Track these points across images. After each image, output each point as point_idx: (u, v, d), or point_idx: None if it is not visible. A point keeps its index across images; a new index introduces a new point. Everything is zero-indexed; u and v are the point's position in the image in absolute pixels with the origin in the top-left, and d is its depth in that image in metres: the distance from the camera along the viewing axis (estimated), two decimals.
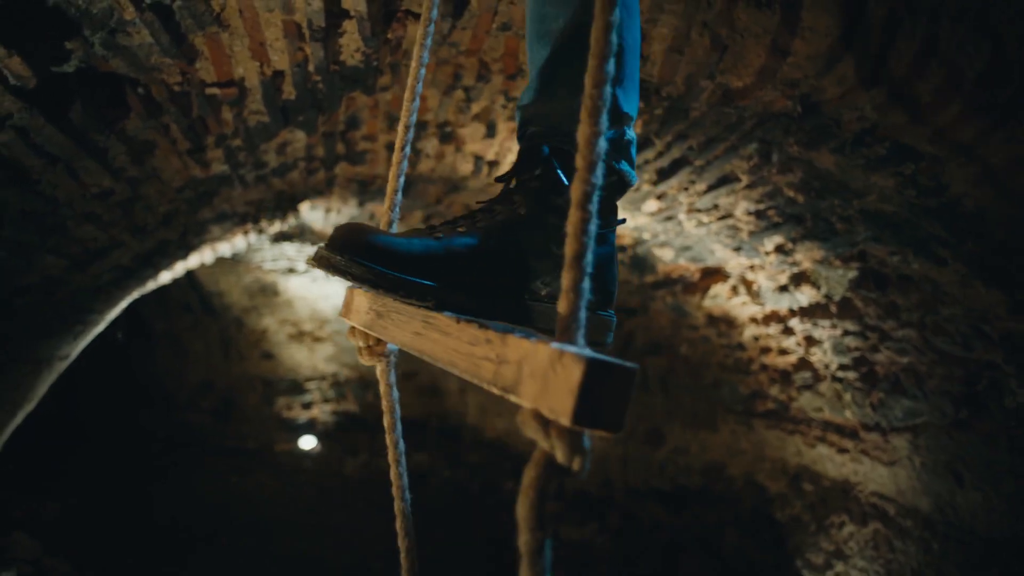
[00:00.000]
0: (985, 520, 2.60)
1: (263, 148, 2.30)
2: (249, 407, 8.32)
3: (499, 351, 0.61)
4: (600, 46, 0.57)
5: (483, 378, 0.63)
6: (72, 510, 5.49)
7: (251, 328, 8.14)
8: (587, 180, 0.54)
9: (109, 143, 1.83)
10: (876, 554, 3.16)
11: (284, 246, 6.54)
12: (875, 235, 2.20)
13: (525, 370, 0.55)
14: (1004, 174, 1.53)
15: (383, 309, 0.91)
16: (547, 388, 0.52)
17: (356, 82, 1.89)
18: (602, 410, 0.49)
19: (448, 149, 2.71)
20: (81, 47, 1.49)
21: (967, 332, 2.24)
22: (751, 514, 4.14)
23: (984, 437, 2.46)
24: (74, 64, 1.52)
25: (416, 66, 1.07)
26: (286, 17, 1.61)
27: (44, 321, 2.83)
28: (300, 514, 6.30)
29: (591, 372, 0.48)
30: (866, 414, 3.02)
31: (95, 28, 1.45)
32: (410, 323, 0.82)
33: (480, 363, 0.64)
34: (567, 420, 0.49)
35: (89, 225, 2.23)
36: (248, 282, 7.60)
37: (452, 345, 0.72)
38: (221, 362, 8.36)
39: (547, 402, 0.51)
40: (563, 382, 0.50)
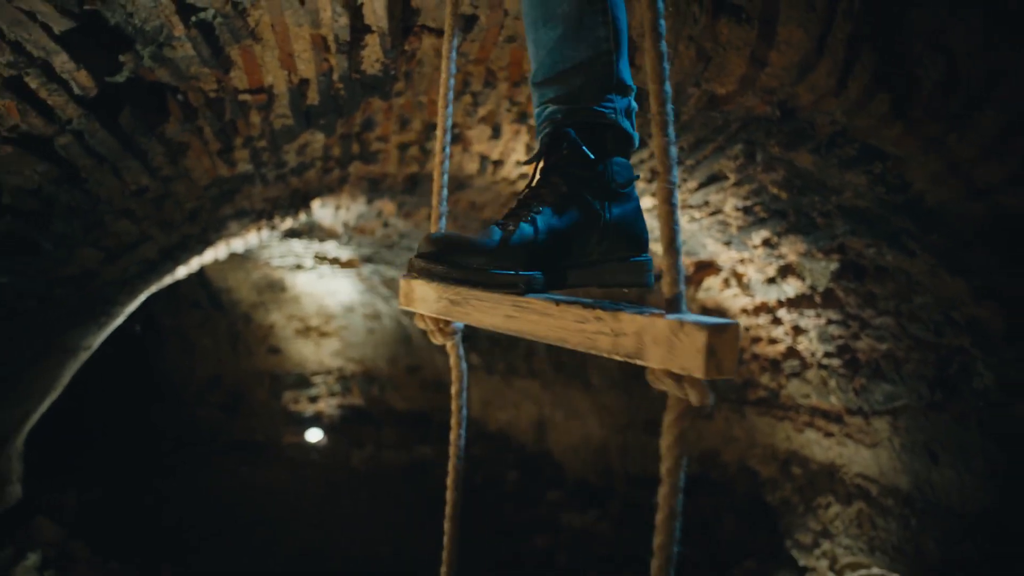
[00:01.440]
0: (959, 496, 2.78)
1: (285, 148, 2.49)
2: (257, 401, 8.51)
3: (613, 326, 0.74)
4: (658, 73, 0.73)
5: (602, 349, 0.76)
6: (90, 499, 5.67)
7: (259, 323, 8.33)
8: (668, 180, 0.71)
9: (150, 145, 2.01)
10: (860, 532, 3.34)
11: (292, 243, 6.72)
12: (852, 229, 2.38)
13: (646, 339, 0.70)
14: (957, 173, 1.71)
15: (458, 297, 1.02)
16: (674, 352, 0.66)
17: (374, 89, 2.07)
18: (722, 361, 0.64)
19: (456, 149, 2.89)
20: (132, 60, 1.67)
21: (938, 319, 2.42)
22: (745, 499, 4.32)
23: (956, 418, 2.64)
24: (125, 74, 1.70)
25: (445, 78, 1.23)
26: (314, 31, 1.79)
27: (75, 311, 3.01)
28: (309, 504, 6.49)
29: (712, 335, 0.63)
30: (850, 399, 3.20)
31: (146, 43, 1.63)
32: (497, 308, 0.94)
33: (595, 337, 0.77)
34: (700, 374, 0.63)
35: (125, 220, 2.41)
36: (256, 278, 7.79)
37: (558, 324, 0.83)
38: (229, 357, 8.55)
39: (677, 362, 0.66)
40: (690, 345, 0.64)
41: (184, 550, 5.19)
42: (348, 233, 5.56)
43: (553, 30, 1.10)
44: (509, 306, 0.91)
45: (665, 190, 0.70)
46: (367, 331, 8.31)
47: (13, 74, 1.42)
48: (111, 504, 5.88)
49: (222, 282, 7.89)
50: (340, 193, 3.81)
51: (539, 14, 1.12)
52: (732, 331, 0.64)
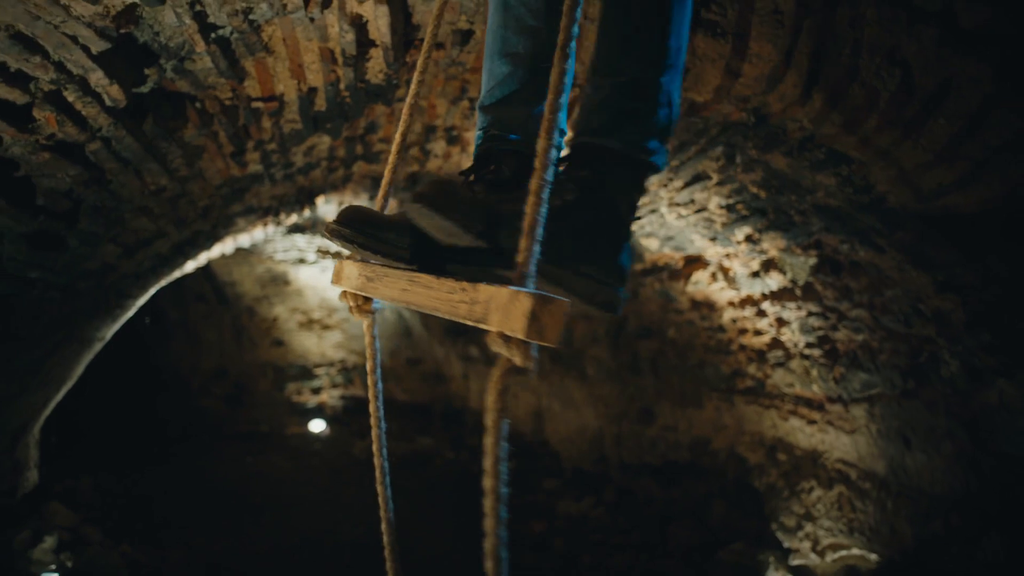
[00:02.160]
0: (929, 479, 2.94)
1: (293, 151, 2.64)
2: (261, 392, 8.69)
3: (471, 295, 0.85)
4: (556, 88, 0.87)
5: (459, 315, 0.87)
6: (101, 485, 5.84)
7: (262, 316, 8.50)
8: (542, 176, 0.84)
9: (169, 148, 2.17)
10: (840, 514, 3.51)
11: (296, 237, 6.88)
12: (827, 226, 2.53)
13: (492, 306, 0.80)
14: (913, 176, 1.86)
15: (372, 274, 1.16)
16: (508, 316, 0.76)
17: (378, 96, 2.22)
18: (544, 328, 0.74)
19: (454, 150, 3.04)
20: (156, 72, 1.82)
21: (907, 310, 2.58)
22: (734, 484, 4.49)
23: (926, 404, 2.80)
24: (149, 86, 1.85)
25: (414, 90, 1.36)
26: (322, 45, 1.94)
27: (93, 303, 3.17)
28: (314, 491, 6.66)
29: (537, 303, 0.74)
30: (830, 387, 3.35)
31: (169, 57, 1.78)
32: (397, 283, 1.07)
33: (457, 305, 0.87)
34: (522, 335, 0.74)
35: (143, 218, 2.57)
36: (260, 272, 7.95)
37: (434, 295, 0.94)
38: (234, 350, 8.72)
39: (508, 325, 0.75)
40: (519, 311, 0.74)
41: (194, 534, 5.35)
42: None
43: (505, 66, 1.23)
44: (405, 281, 1.04)
45: (537, 184, 0.82)
46: None
47: (54, 89, 1.57)
48: (121, 490, 6.04)
49: (227, 276, 8.05)
50: (343, 190, 3.96)
51: (496, 48, 1.24)
52: (558, 305, 0.74)
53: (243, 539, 5.37)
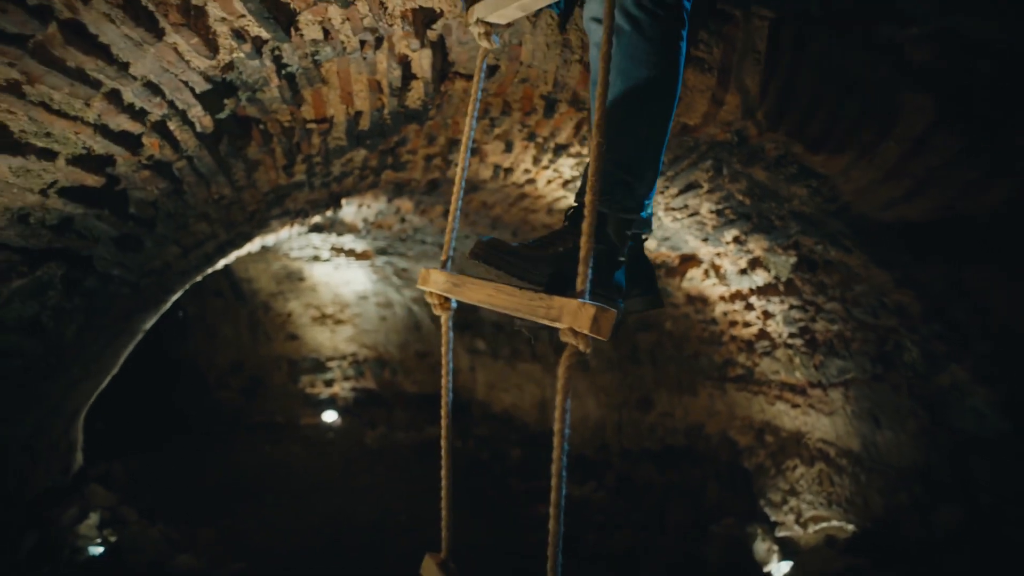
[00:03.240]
0: (896, 454, 3.30)
1: (334, 162, 2.99)
2: (275, 385, 9.04)
3: (548, 303, 1.20)
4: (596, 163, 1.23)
5: (539, 316, 1.22)
6: (132, 470, 6.20)
7: (277, 312, 8.85)
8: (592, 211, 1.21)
9: (235, 164, 2.52)
10: (820, 489, 3.87)
11: (312, 236, 7.21)
12: (803, 229, 2.89)
13: (564, 312, 1.16)
14: (867, 190, 2.22)
15: (459, 282, 1.50)
16: (576, 318, 1.13)
17: (414, 118, 2.57)
18: (601, 328, 1.11)
19: (473, 160, 3.40)
20: (234, 102, 2.17)
21: (874, 303, 2.94)
22: (726, 466, 4.85)
23: (893, 386, 3.16)
24: (226, 113, 2.21)
25: (469, 121, 1.72)
26: (371, 77, 2.29)
27: (147, 298, 3.52)
28: (329, 477, 7.01)
29: (598, 312, 1.10)
30: (811, 374, 3.71)
31: (246, 90, 2.13)
32: (483, 289, 1.38)
33: (536, 308, 1.22)
34: (587, 331, 1.10)
35: (203, 223, 2.93)
36: (276, 269, 8.29)
37: (517, 301, 1.27)
38: (249, 344, 9.07)
39: (577, 324, 1.12)
40: (585, 315, 1.12)
41: (220, 515, 5.72)
42: (367, 228, 6.04)
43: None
44: (491, 289, 1.36)
45: (590, 216, 1.19)
46: (380, 318, 8.83)
47: (160, 120, 1.92)
48: (150, 475, 6.41)
49: (243, 272, 8.39)
50: (366, 194, 4.31)
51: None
52: (611, 313, 1.11)
53: (266, 520, 5.73)
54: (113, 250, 2.45)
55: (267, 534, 5.43)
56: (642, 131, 1.53)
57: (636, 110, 1.52)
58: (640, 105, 1.52)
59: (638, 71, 1.50)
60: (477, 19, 1.65)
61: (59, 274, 2.30)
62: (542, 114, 2.70)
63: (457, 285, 1.52)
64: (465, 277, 1.50)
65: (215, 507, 5.90)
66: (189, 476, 6.68)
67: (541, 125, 2.83)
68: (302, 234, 6.87)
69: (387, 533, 5.57)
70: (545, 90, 2.48)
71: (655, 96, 1.53)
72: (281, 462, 7.49)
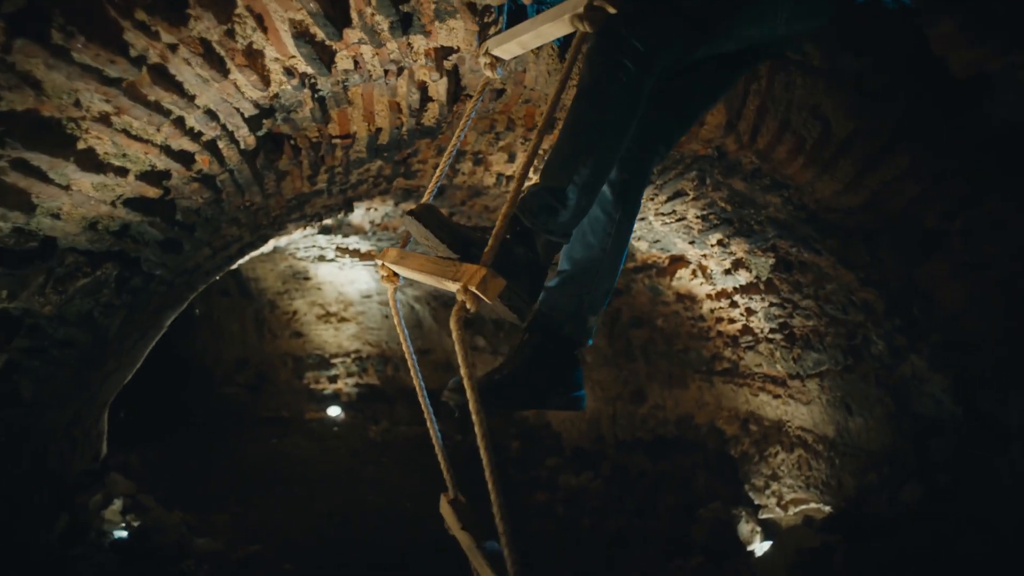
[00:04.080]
0: (866, 438, 3.60)
1: (353, 172, 3.28)
2: (281, 381, 9.32)
3: (456, 269, 1.38)
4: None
5: (447, 277, 1.40)
6: (148, 461, 6.48)
7: (283, 310, 9.13)
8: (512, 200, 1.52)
9: (267, 175, 2.81)
10: (799, 473, 4.18)
11: (318, 237, 7.50)
12: (779, 234, 3.19)
13: (463, 273, 1.36)
14: (830, 200, 2.51)
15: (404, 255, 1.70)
16: (470, 278, 1.32)
17: (428, 134, 2.86)
18: (488, 290, 1.33)
19: (479, 169, 3.69)
20: (271, 122, 2.46)
21: (843, 301, 3.24)
22: (714, 454, 5.15)
23: (862, 376, 3.46)
24: (264, 131, 2.49)
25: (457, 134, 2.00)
26: (391, 99, 2.58)
27: (176, 296, 3.81)
28: (336, 469, 7.29)
29: (489, 275, 1.33)
30: (790, 366, 4.02)
31: (282, 112, 2.42)
32: (418, 260, 1.61)
33: (447, 272, 1.42)
34: (474, 288, 1.33)
35: (234, 227, 3.21)
36: (282, 268, 8.57)
37: (435, 267, 1.50)
38: (255, 341, 9.35)
39: (468, 282, 1.32)
40: (477, 276, 1.30)
41: (232, 503, 6.00)
42: (373, 229, 6.32)
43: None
44: (423, 260, 1.60)
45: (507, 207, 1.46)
46: (382, 316, 9.12)
47: (212, 140, 2.21)
48: (164, 465, 6.69)
49: (251, 271, 8.66)
50: (375, 199, 4.60)
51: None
52: (500, 281, 1.34)
53: (277, 508, 6.02)
54: (159, 252, 2.74)
55: (279, 520, 5.71)
56: (568, 153, 1.60)
57: (566, 136, 1.64)
58: (569, 132, 1.63)
59: (576, 103, 1.64)
60: (486, 51, 1.94)
61: (113, 274, 2.59)
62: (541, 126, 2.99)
63: (403, 258, 1.76)
64: (409, 252, 1.75)
65: (227, 496, 6.18)
66: (200, 467, 6.96)
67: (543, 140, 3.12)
68: (311, 235, 7.16)
69: (394, 520, 5.85)
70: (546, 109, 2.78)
71: (579, 124, 1.61)
72: (289, 454, 7.76)
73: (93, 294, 2.59)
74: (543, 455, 7.18)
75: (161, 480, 6.23)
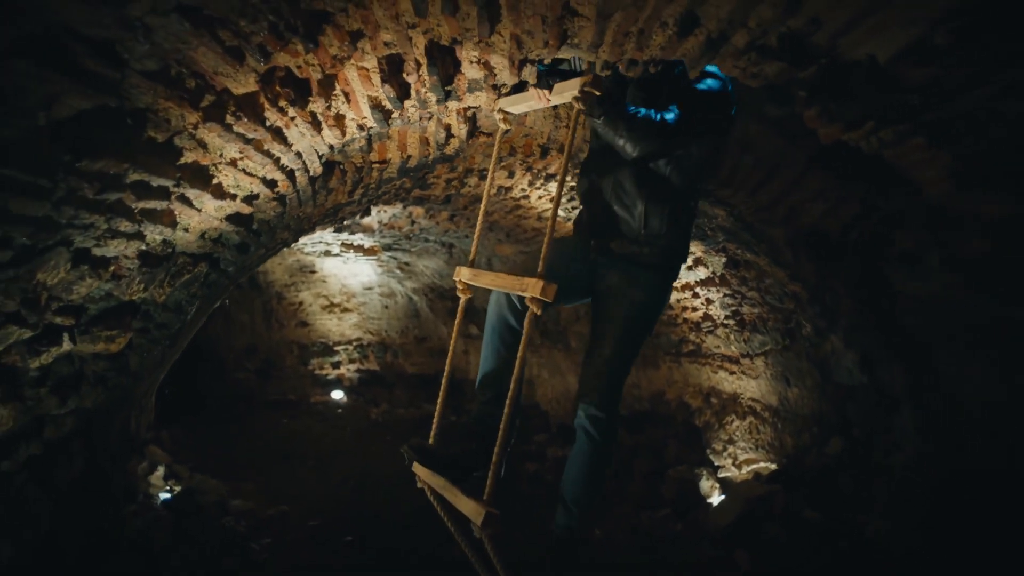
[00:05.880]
0: (801, 404, 4.40)
1: (383, 187, 4.01)
2: (287, 367, 10.02)
3: (522, 283, 2.25)
4: None
5: (516, 289, 2.26)
6: (175, 437, 7.18)
7: (290, 301, 9.81)
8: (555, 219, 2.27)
9: (319, 192, 3.53)
10: (750, 436, 4.97)
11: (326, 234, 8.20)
12: (727, 238, 3.96)
13: (529, 286, 2.20)
14: (760, 212, 3.29)
15: (477, 273, 2.55)
16: (538, 291, 2.16)
17: (447, 160, 3.60)
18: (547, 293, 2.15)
19: (483, 183, 4.43)
20: (329, 154, 3.18)
21: (780, 293, 4.02)
22: (683, 426, 5.95)
23: (796, 353, 4.25)
24: (323, 160, 3.22)
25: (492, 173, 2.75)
26: (422, 135, 3.32)
27: (225, 289, 4.51)
28: (343, 445, 8.02)
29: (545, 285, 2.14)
30: (742, 347, 4.80)
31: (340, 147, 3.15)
32: (488, 277, 2.45)
33: (515, 285, 2.26)
34: (539, 296, 2.15)
35: (285, 231, 3.93)
36: (290, 263, 9.25)
37: (505, 282, 2.34)
38: (263, 330, 10.03)
39: (535, 294, 2.17)
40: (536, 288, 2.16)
41: (255, 473, 6.72)
42: (380, 228, 7.03)
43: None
44: (493, 276, 2.41)
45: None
46: (383, 307, 9.84)
47: (292, 170, 2.93)
48: (190, 442, 7.38)
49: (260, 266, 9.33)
50: (391, 204, 5.32)
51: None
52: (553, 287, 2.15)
53: (295, 477, 6.75)
54: (235, 253, 3.46)
55: (299, 487, 6.44)
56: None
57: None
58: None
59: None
60: (499, 109, 2.68)
61: (204, 271, 3.31)
62: (538, 156, 3.75)
63: (476, 276, 2.57)
64: (479, 270, 2.55)
65: (249, 468, 6.89)
66: (220, 444, 7.66)
67: (537, 162, 3.88)
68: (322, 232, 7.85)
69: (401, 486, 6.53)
70: (541, 141, 3.53)
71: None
72: (299, 433, 8.48)
73: (188, 287, 3.31)
74: (532, 432, 7.95)
75: (190, 453, 6.92)
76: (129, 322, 2.96)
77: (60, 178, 1.74)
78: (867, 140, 2.10)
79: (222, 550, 4.90)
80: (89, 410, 3.11)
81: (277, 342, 10.01)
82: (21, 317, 2.07)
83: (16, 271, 1.86)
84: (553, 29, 1.95)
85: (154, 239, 2.55)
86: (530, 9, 1.85)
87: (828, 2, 1.53)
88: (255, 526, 5.41)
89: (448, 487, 2.28)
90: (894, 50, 1.60)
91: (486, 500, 2.11)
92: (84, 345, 2.71)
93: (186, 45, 1.69)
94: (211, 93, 1.97)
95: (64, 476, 3.19)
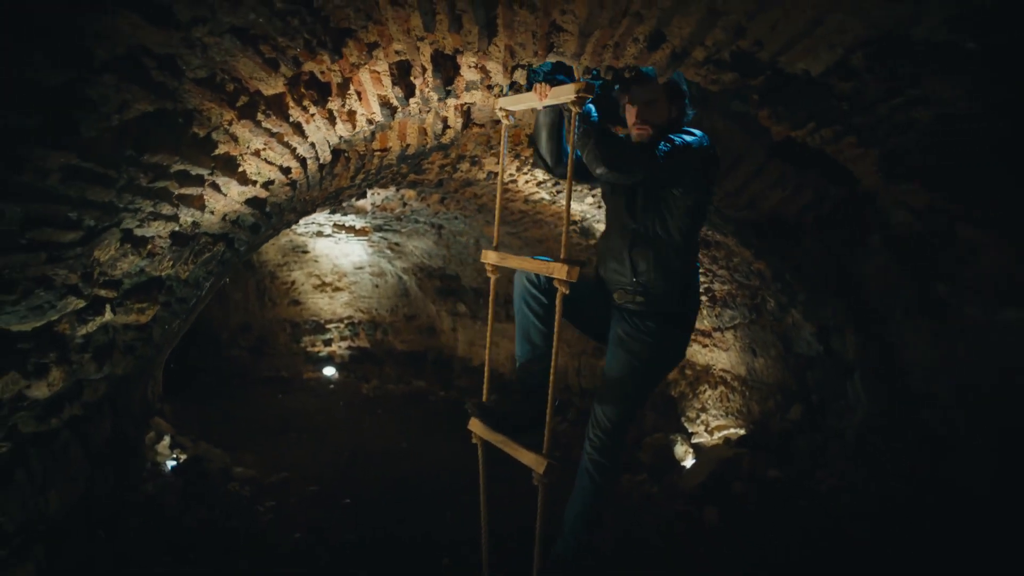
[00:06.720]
0: (766, 373, 4.80)
1: (382, 172, 4.33)
2: (280, 344, 10.32)
3: (548, 266, 2.59)
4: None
5: (543, 271, 2.61)
6: (176, 411, 7.48)
7: (282, 280, 10.09)
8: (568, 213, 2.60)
9: (326, 177, 3.84)
10: (721, 404, 5.37)
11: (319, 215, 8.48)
12: None
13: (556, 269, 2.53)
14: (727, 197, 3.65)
15: (504, 256, 2.89)
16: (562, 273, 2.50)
17: (443, 148, 3.92)
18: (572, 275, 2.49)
19: (474, 168, 4.75)
20: (339, 144, 3.49)
21: (746, 271, 4.40)
22: (660, 397, 6.35)
23: (762, 327, 4.64)
24: (332, 149, 3.52)
25: (502, 167, 3.08)
26: (420, 126, 3.63)
27: (233, 265, 4.82)
28: (337, 419, 8.36)
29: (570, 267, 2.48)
30: (714, 321, 5.19)
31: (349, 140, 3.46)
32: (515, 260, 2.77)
33: (541, 267, 2.62)
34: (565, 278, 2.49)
35: (292, 213, 4.24)
36: (283, 243, 9.51)
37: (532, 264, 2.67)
38: (257, 308, 10.30)
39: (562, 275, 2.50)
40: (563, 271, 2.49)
41: (254, 444, 7.04)
42: (373, 210, 7.33)
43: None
44: (520, 259, 2.76)
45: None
46: (373, 286, 10.15)
47: (304, 159, 3.24)
48: (189, 415, 7.68)
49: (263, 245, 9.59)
50: (386, 187, 5.63)
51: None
52: (577, 268, 2.49)
53: (293, 448, 7.08)
54: (248, 233, 3.77)
55: (297, 457, 6.77)
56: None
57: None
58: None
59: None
60: (501, 107, 3.01)
61: (221, 249, 3.62)
62: (526, 144, 4.07)
63: (503, 258, 2.90)
64: (506, 253, 2.88)
65: (247, 440, 7.20)
66: (219, 417, 7.97)
67: (524, 150, 4.21)
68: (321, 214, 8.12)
69: (395, 456, 6.96)
70: (529, 132, 3.86)
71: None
72: (294, 408, 8.80)
73: (207, 264, 3.62)
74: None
75: (191, 426, 7.22)
76: (156, 296, 3.27)
77: (123, 169, 2.06)
78: (811, 137, 2.46)
79: (230, 512, 5.24)
80: (119, 377, 3.42)
81: (270, 320, 10.30)
82: (78, 289, 2.38)
83: (83, 248, 2.17)
84: (541, 42, 2.28)
85: (186, 220, 2.86)
86: (523, 27, 2.18)
87: (768, 29, 1.87)
88: (258, 491, 5.75)
89: (507, 442, 2.60)
90: (822, 67, 1.95)
91: (545, 452, 2.42)
92: (120, 316, 3.02)
93: (232, 57, 2.00)
94: (246, 95, 2.29)
95: (97, 438, 3.51)
